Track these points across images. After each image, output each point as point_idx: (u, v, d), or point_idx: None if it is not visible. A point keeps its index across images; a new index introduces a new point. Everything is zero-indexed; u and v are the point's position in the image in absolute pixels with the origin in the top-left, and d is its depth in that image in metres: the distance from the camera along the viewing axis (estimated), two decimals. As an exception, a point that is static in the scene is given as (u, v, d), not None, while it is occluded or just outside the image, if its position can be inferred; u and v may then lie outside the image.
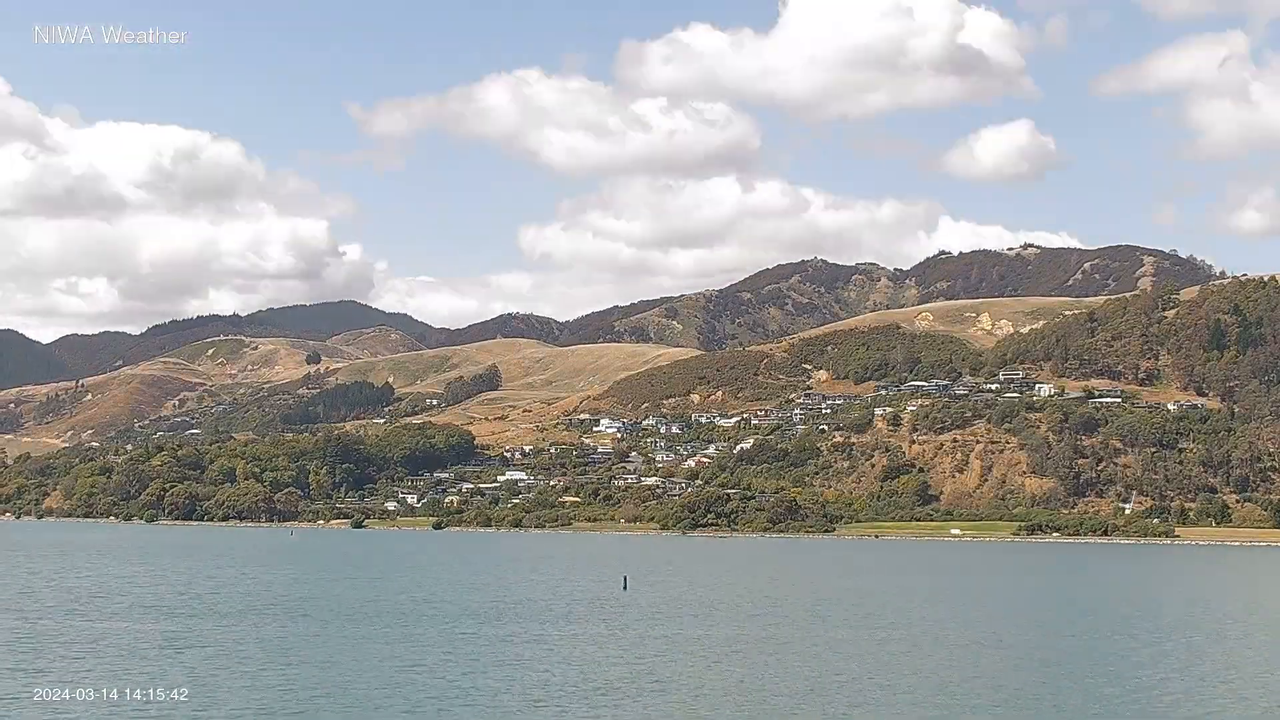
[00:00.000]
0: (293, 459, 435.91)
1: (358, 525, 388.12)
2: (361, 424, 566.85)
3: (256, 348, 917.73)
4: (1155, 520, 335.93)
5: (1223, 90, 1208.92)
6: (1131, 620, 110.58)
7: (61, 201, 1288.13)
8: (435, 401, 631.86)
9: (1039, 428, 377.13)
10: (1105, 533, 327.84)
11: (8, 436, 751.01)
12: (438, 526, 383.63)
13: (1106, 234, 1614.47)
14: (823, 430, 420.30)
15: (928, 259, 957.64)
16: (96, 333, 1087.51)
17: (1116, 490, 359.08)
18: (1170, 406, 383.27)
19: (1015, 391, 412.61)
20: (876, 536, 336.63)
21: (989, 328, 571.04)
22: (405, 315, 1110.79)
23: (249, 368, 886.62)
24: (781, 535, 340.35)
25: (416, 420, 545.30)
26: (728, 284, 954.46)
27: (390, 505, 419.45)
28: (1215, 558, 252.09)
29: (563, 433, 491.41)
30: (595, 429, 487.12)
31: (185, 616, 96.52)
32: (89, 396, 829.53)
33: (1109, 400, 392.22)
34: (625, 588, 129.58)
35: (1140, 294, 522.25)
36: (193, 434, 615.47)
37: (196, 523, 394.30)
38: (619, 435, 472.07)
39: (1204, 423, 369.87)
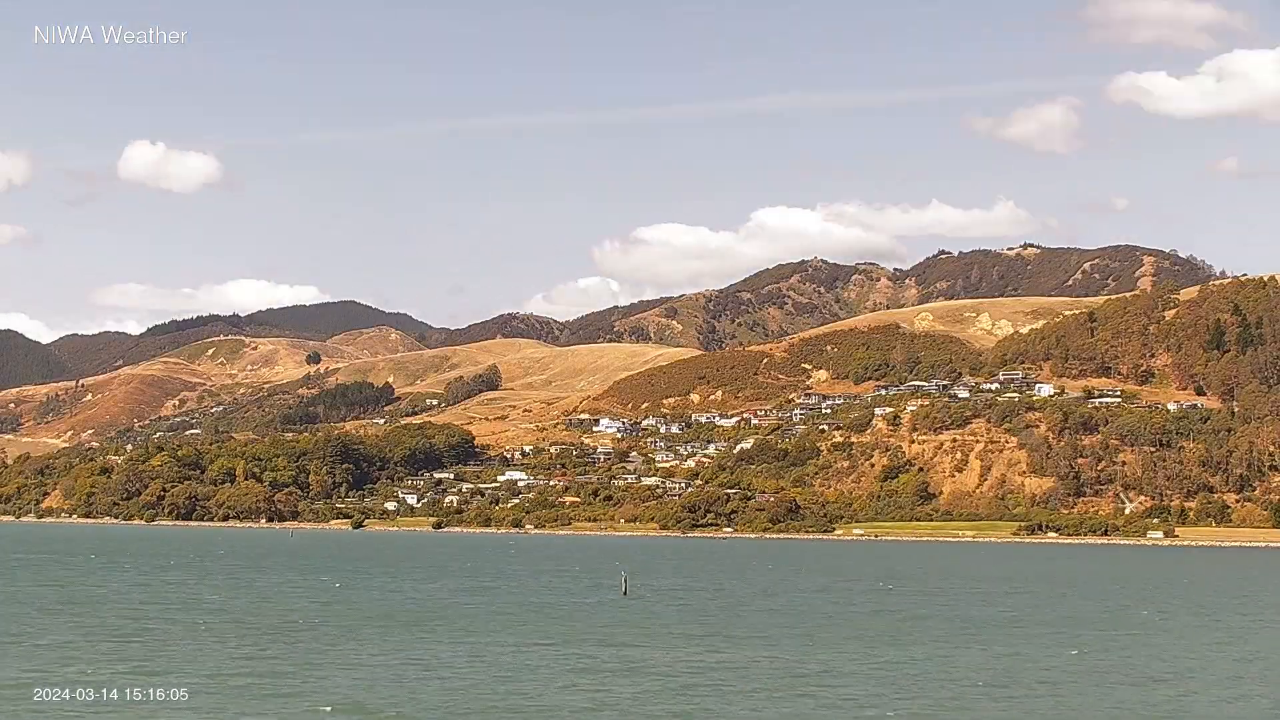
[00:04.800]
0: (293, 459, 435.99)
1: (358, 525, 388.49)
2: (361, 424, 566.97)
3: (256, 348, 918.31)
4: (1155, 520, 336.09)
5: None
6: None
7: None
8: (435, 401, 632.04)
9: (1039, 427, 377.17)
10: (1105, 533, 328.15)
11: (8, 436, 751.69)
12: (438, 526, 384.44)
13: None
14: (823, 430, 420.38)
15: (928, 259, 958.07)
16: (96, 333, 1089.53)
17: (1116, 490, 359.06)
18: (1170, 406, 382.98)
19: (1015, 391, 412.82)
20: (876, 537, 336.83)
21: (989, 328, 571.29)
22: (405, 315, 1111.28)
23: (249, 368, 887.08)
24: (782, 535, 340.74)
25: (416, 420, 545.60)
26: (728, 284, 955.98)
27: (390, 505, 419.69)
28: None
29: (563, 433, 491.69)
30: (595, 429, 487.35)
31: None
32: (89, 396, 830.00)
33: (1109, 400, 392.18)
34: (625, 591, 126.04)
35: (1140, 294, 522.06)
36: (193, 434, 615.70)
37: (196, 523, 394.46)
38: (619, 435, 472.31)
39: (1204, 423, 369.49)
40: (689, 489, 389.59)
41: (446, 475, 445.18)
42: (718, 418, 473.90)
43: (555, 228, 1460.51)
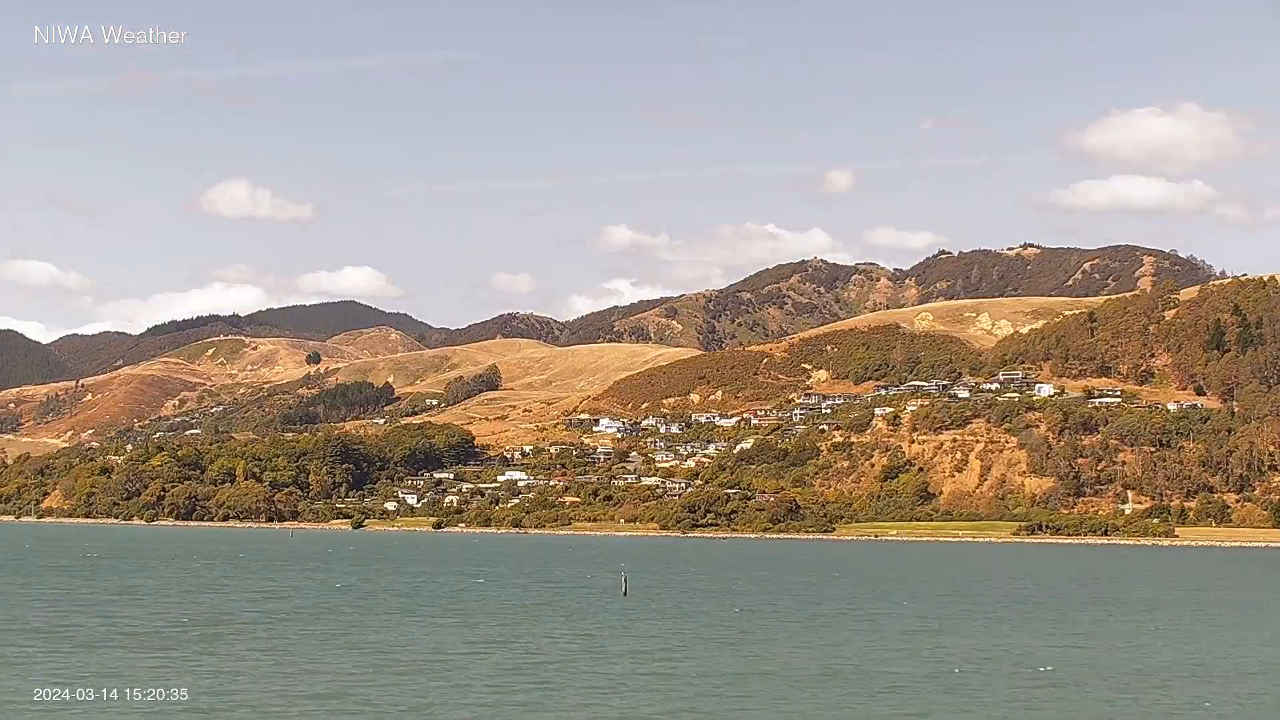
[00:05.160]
0: (293, 459, 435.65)
1: (358, 526, 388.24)
2: (361, 424, 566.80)
3: (256, 348, 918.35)
4: (1155, 520, 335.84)
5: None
6: None
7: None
8: (435, 401, 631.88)
9: (1039, 427, 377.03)
10: (1105, 533, 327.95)
11: (8, 436, 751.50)
12: (437, 526, 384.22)
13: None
14: (823, 430, 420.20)
15: (928, 259, 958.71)
16: (96, 332, 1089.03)
17: (1115, 490, 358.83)
18: (1170, 406, 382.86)
19: (1015, 391, 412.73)
20: (876, 536, 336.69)
21: (989, 328, 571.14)
22: (405, 315, 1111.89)
23: (249, 368, 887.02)
24: (781, 535, 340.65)
25: (416, 420, 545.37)
26: (728, 284, 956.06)
27: (390, 505, 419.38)
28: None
29: (563, 433, 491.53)
30: (595, 429, 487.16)
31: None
32: (89, 396, 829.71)
33: (1109, 400, 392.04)
34: (625, 592, 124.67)
35: (1140, 294, 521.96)
36: (193, 434, 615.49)
37: (196, 523, 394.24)
38: (619, 435, 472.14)
39: (1204, 423, 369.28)
40: (689, 489, 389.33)
41: (446, 475, 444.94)
42: (718, 418, 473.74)
43: (556, 228, 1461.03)
